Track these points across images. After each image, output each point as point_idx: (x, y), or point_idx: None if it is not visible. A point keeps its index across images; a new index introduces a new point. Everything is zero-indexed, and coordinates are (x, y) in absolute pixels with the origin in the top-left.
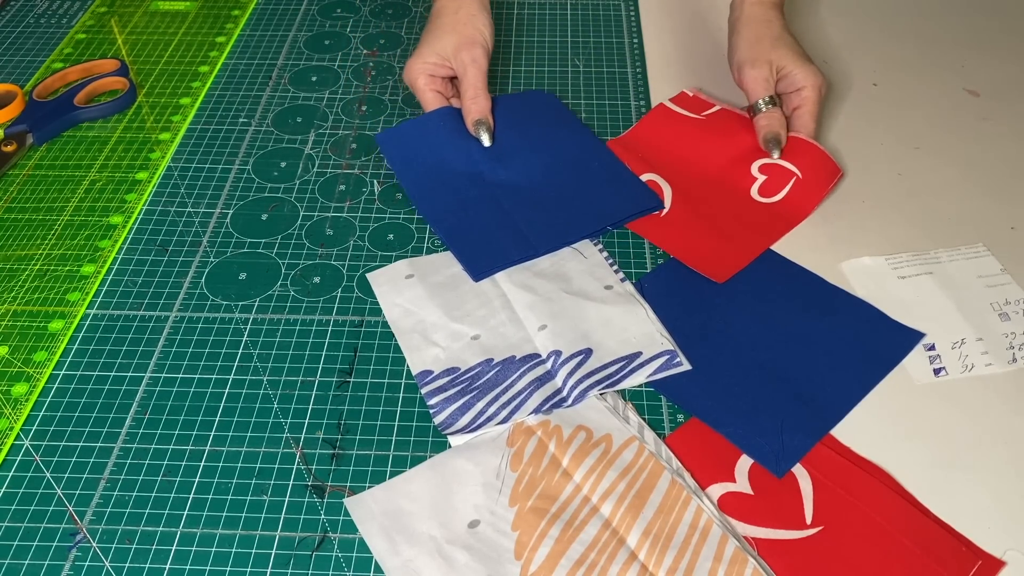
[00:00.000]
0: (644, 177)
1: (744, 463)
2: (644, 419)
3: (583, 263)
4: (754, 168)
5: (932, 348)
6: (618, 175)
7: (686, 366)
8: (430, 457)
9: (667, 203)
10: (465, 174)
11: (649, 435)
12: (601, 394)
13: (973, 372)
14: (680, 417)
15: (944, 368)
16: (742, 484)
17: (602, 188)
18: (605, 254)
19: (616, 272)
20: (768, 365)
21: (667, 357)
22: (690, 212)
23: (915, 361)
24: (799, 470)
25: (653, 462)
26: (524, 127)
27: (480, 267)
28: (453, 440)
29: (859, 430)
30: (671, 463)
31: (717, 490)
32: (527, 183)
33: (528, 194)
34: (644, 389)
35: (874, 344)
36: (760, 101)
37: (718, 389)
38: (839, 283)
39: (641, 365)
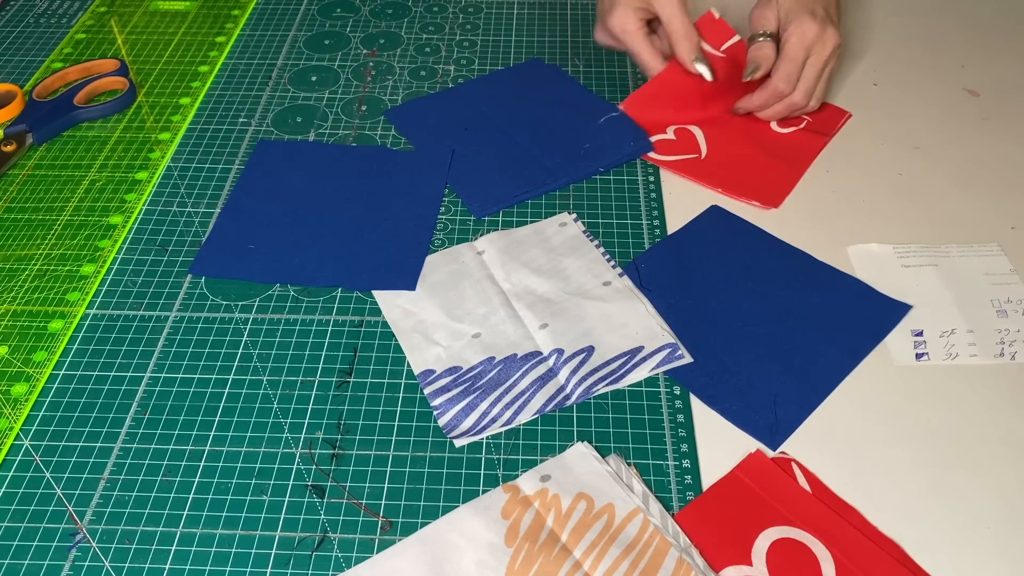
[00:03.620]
0: (673, 127)
1: (762, 544)
2: (650, 488)
3: (581, 260)
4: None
5: (920, 334)
6: (611, 120)
7: (687, 359)
8: (420, 528)
9: (704, 149)
10: (465, 128)
11: (655, 506)
12: (604, 457)
13: (956, 361)
14: (690, 494)
15: (927, 354)
16: (759, 567)
17: (596, 132)
18: (602, 250)
19: (614, 268)
20: (760, 340)
21: (669, 350)
22: (726, 153)
23: (899, 343)
24: (822, 552)
25: (659, 538)
26: (522, 88)
27: (482, 206)
28: (458, 443)
29: (833, 408)
30: (679, 540)
31: (731, 573)
32: (523, 132)
33: (525, 140)
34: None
35: (862, 317)
36: (756, 33)
37: (712, 366)
38: (843, 267)
39: (643, 360)
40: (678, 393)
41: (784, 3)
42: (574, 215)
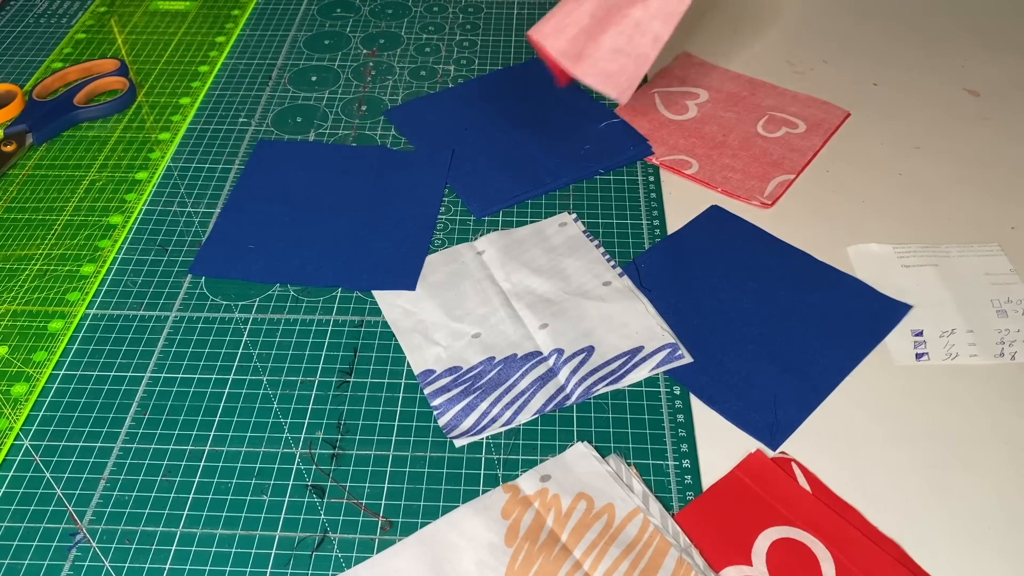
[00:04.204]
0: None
1: (762, 544)
2: (650, 488)
3: (581, 260)
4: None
5: (920, 334)
6: (611, 126)
7: (688, 359)
8: (420, 528)
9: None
10: (465, 128)
11: (655, 506)
12: (604, 457)
13: (956, 361)
14: (690, 494)
15: (927, 354)
16: (759, 567)
17: (596, 134)
18: (602, 250)
19: (614, 268)
20: (760, 340)
21: (669, 350)
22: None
23: (899, 343)
24: (822, 552)
25: (659, 538)
26: (522, 88)
27: (482, 206)
28: (458, 443)
29: (833, 408)
30: (679, 540)
31: (731, 573)
32: (523, 132)
33: (525, 140)
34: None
35: (862, 317)
36: None
37: (712, 366)
38: (843, 267)
39: (643, 360)
40: (678, 393)
41: None
42: (574, 215)
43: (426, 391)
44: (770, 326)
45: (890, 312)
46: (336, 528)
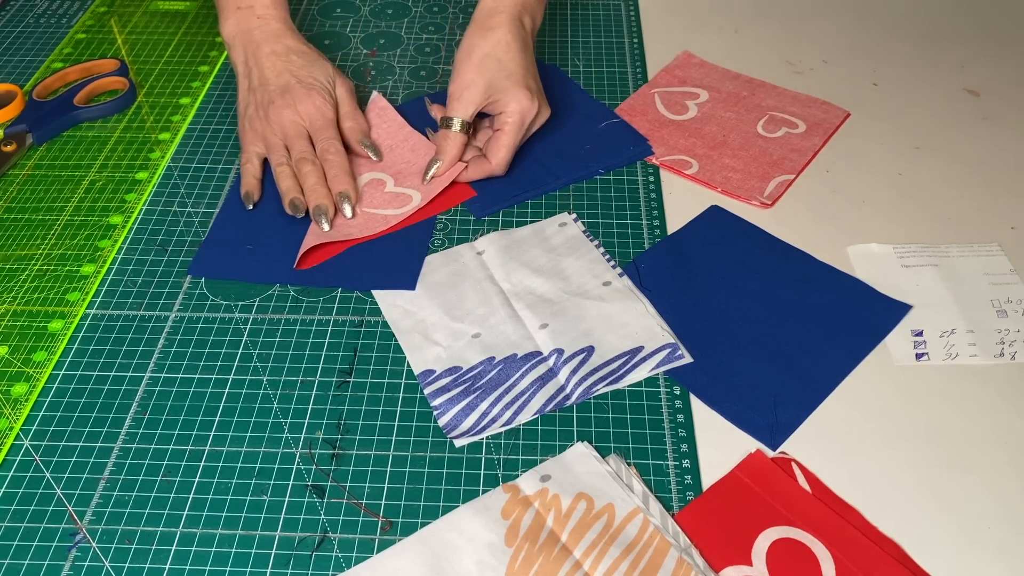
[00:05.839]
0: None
1: (762, 544)
2: (650, 488)
3: (581, 260)
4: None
5: (920, 334)
6: (611, 126)
7: (687, 359)
8: (420, 528)
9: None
10: None
11: (655, 506)
12: (604, 457)
13: (956, 361)
14: (690, 494)
15: (927, 354)
16: (759, 567)
17: (596, 134)
18: (602, 250)
19: (614, 268)
20: (760, 340)
21: (669, 350)
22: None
23: (899, 343)
24: (822, 552)
25: (659, 538)
26: None
27: (482, 206)
28: (458, 443)
29: (833, 408)
30: (679, 540)
31: (731, 573)
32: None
33: (524, 140)
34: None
35: (862, 317)
36: (447, 118)
37: (712, 366)
38: (843, 267)
39: (643, 360)
40: (678, 393)
41: (493, 78)
42: (574, 215)
43: (426, 391)
44: (770, 326)
45: (890, 312)
46: (336, 528)
